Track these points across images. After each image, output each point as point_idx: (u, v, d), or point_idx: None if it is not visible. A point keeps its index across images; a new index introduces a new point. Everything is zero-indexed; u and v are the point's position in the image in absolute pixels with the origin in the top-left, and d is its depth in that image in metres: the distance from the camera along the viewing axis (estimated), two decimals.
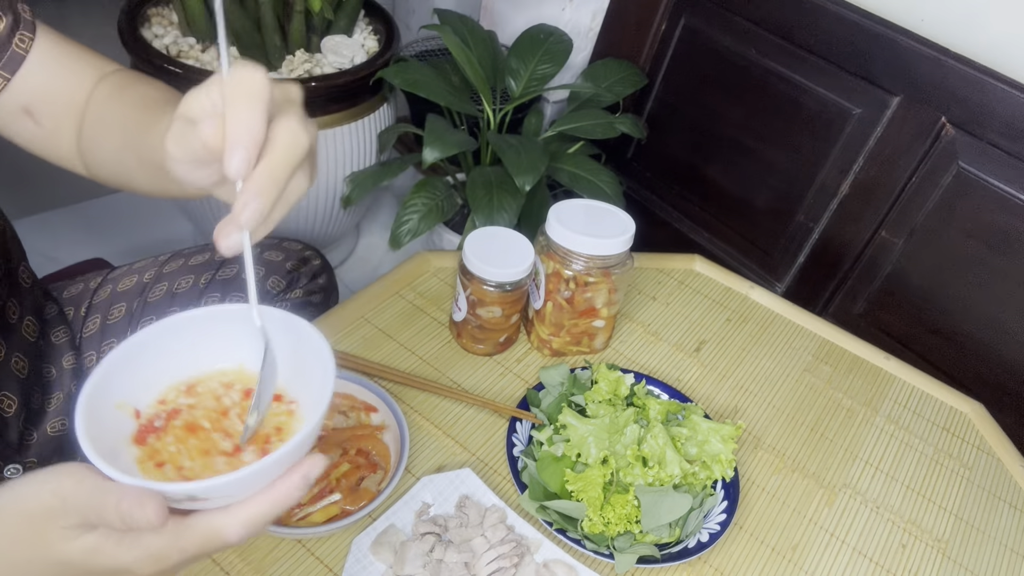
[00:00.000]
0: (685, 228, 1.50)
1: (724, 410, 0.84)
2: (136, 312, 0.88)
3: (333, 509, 0.64)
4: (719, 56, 1.33)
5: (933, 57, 1.07)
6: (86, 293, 0.89)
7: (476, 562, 0.61)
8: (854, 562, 0.71)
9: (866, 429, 0.85)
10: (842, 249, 1.26)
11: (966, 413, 0.90)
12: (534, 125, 1.48)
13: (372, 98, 1.41)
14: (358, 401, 0.73)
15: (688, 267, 1.04)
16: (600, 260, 0.78)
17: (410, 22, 1.97)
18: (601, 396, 0.74)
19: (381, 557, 0.62)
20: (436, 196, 1.27)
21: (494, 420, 0.77)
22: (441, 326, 0.88)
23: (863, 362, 0.94)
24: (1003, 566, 0.73)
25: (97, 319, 0.87)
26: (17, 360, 0.73)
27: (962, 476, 0.82)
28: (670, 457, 0.68)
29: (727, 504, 0.70)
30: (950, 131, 1.09)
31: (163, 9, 1.42)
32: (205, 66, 1.30)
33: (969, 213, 1.09)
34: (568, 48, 1.39)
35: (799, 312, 1.00)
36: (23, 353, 0.74)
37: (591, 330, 0.85)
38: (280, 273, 0.91)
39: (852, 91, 1.17)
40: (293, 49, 1.39)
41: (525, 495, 0.67)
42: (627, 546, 0.65)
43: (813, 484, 0.78)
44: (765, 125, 1.30)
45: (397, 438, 0.69)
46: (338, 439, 0.69)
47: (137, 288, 0.89)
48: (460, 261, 0.80)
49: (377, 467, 0.68)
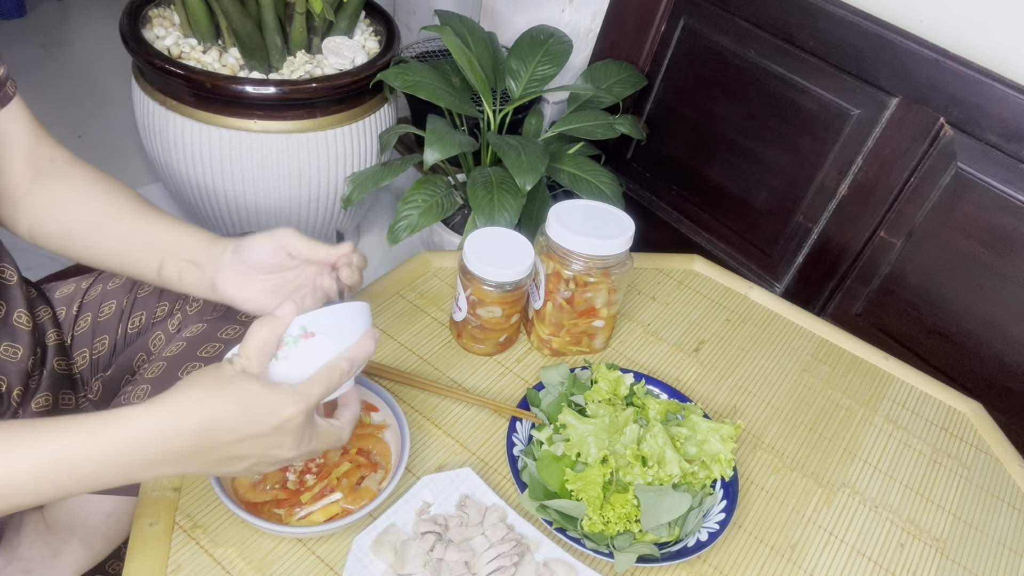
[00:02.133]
0: (685, 228, 1.50)
1: (723, 410, 0.84)
2: (126, 308, 0.89)
3: (334, 508, 0.65)
4: (718, 57, 1.33)
5: (932, 58, 1.08)
6: (78, 293, 0.89)
7: (476, 561, 0.61)
8: (853, 561, 0.71)
9: (865, 429, 0.85)
10: (841, 249, 1.26)
11: (964, 413, 0.90)
12: (534, 126, 1.48)
13: (373, 99, 1.42)
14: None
15: (687, 267, 1.05)
16: (600, 260, 0.78)
17: (410, 23, 1.98)
18: (601, 396, 0.75)
19: (382, 556, 0.62)
20: (436, 193, 1.27)
21: (494, 420, 0.78)
22: (441, 326, 0.88)
23: (862, 362, 0.95)
24: (1001, 565, 0.74)
25: (88, 317, 0.88)
26: (8, 347, 0.74)
27: (960, 475, 0.82)
28: (669, 457, 0.69)
29: (726, 503, 0.70)
30: (949, 132, 1.09)
31: (164, 10, 1.43)
32: (206, 67, 1.30)
33: (967, 213, 1.09)
34: (568, 49, 1.39)
35: (798, 312, 1.00)
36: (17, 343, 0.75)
37: (591, 330, 0.85)
38: None
39: (851, 92, 1.18)
40: (294, 50, 1.39)
41: (525, 494, 0.68)
42: (627, 545, 0.65)
43: (812, 483, 0.78)
44: (764, 126, 1.30)
45: (398, 437, 0.69)
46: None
47: (126, 285, 0.90)
48: (460, 261, 0.80)
49: (378, 466, 0.68)
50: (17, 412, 0.76)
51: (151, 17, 1.40)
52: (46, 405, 0.78)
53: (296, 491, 0.65)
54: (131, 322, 0.88)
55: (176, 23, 1.40)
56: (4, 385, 0.75)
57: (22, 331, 0.78)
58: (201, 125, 1.30)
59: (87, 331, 0.87)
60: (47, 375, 0.80)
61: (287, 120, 1.31)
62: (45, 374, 0.80)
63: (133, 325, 0.88)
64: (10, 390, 0.75)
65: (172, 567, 0.61)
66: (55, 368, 0.81)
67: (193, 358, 0.82)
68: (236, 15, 1.26)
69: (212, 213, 1.44)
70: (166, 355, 0.83)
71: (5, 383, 0.75)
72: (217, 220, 1.45)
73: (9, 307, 0.78)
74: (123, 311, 0.89)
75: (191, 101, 1.29)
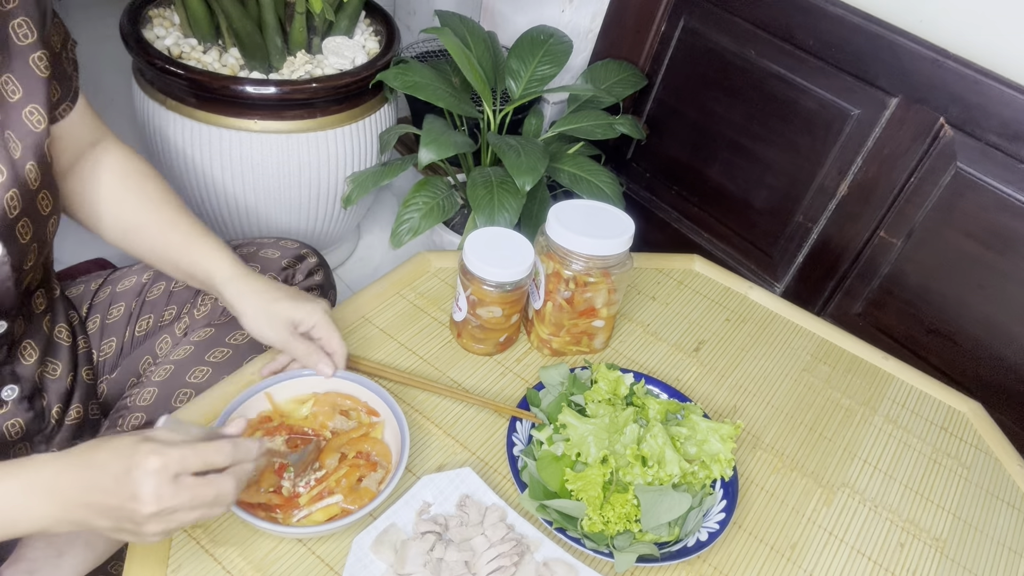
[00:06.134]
0: (684, 228, 1.50)
1: (723, 409, 0.84)
2: (135, 311, 0.89)
3: (334, 508, 0.65)
4: (718, 57, 1.33)
5: (931, 58, 1.08)
6: (87, 294, 0.89)
7: (476, 561, 0.61)
8: (853, 561, 0.71)
9: (864, 428, 0.85)
10: (841, 249, 1.26)
11: (964, 413, 0.90)
12: (534, 126, 1.48)
13: (373, 99, 1.42)
14: (359, 402, 0.73)
15: (687, 267, 1.05)
16: (600, 260, 0.78)
17: (411, 23, 1.98)
18: (601, 396, 0.75)
19: (382, 556, 0.62)
20: (437, 195, 1.27)
21: (494, 420, 0.78)
22: (441, 326, 0.88)
23: (861, 362, 0.95)
24: (1001, 565, 0.74)
25: (97, 319, 0.88)
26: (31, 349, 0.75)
27: (960, 475, 0.82)
28: (669, 456, 0.69)
29: (726, 503, 0.70)
30: (948, 132, 1.09)
31: (165, 10, 1.43)
32: (206, 67, 1.30)
33: (967, 213, 1.09)
34: (568, 49, 1.39)
35: (798, 312, 1.00)
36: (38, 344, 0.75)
37: (591, 330, 0.85)
38: (275, 270, 0.92)
39: (851, 92, 1.18)
40: (294, 50, 1.39)
41: (525, 494, 0.68)
42: (627, 545, 0.65)
43: (812, 483, 0.78)
44: (764, 126, 1.30)
45: (398, 437, 0.69)
46: (337, 444, 0.69)
47: (136, 288, 0.90)
48: (460, 261, 0.80)
49: (377, 466, 0.68)
50: (56, 431, 0.76)
51: (151, 17, 1.40)
52: (77, 418, 0.79)
53: (291, 497, 0.65)
54: (139, 325, 0.89)
55: (176, 23, 1.40)
56: (45, 401, 0.75)
57: (62, 347, 0.79)
58: (201, 125, 1.30)
59: (95, 333, 0.87)
60: (78, 385, 0.80)
61: (287, 120, 1.31)
62: (76, 384, 0.80)
63: (140, 328, 0.89)
64: (50, 407, 0.76)
65: (173, 567, 0.61)
66: (83, 378, 0.82)
67: (201, 362, 0.82)
68: (236, 15, 1.26)
69: (212, 213, 1.44)
70: (173, 358, 0.83)
71: (45, 399, 0.75)
72: (217, 220, 1.45)
73: (53, 322, 0.79)
74: (131, 313, 0.89)
75: (191, 101, 1.29)
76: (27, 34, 0.66)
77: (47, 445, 0.76)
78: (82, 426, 0.79)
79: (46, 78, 0.67)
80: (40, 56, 0.67)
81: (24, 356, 0.72)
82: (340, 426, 0.71)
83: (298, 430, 0.70)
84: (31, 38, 0.66)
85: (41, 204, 0.69)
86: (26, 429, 0.72)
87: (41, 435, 0.75)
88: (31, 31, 0.66)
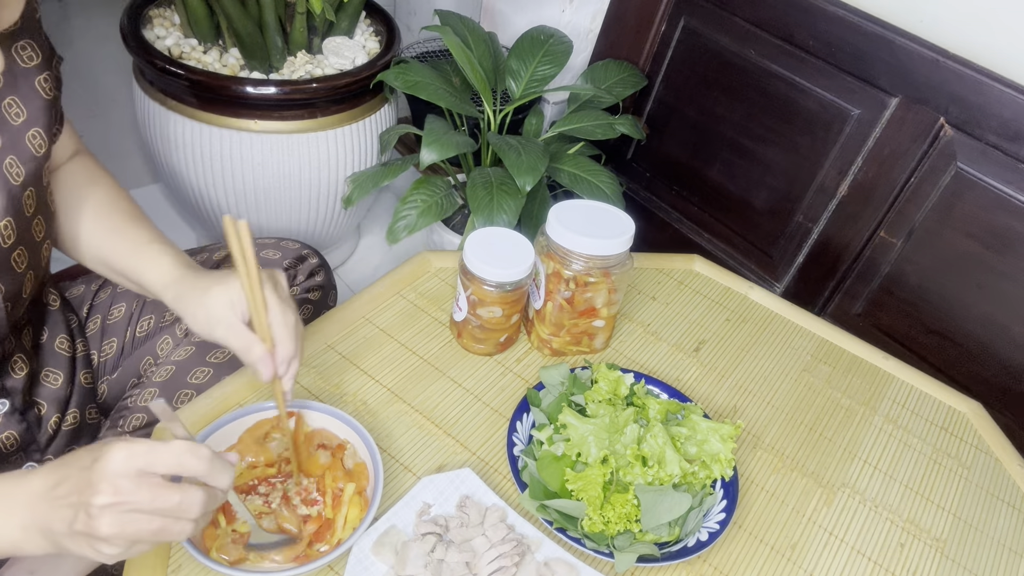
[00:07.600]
0: (685, 228, 1.50)
1: (723, 410, 0.85)
2: (135, 312, 0.89)
3: (297, 549, 0.62)
4: (719, 57, 1.33)
5: (932, 58, 1.08)
6: (87, 295, 0.89)
7: (477, 561, 0.61)
8: (853, 561, 0.71)
9: (865, 429, 0.86)
10: (841, 249, 1.26)
11: (964, 413, 0.90)
12: (534, 126, 1.48)
13: (373, 99, 1.42)
14: (333, 436, 0.69)
15: (688, 267, 1.05)
16: (600, 260, 0.78)
17: (411, 23, 1.98)
18: (601, 396, 0.75)
19: (382, 558, 0.62)
20: (435, 193, 1.27)
21: (494, 420, 0.78)
22: (442, 326, 0.88)
23: (862, 362, 0.95)
24: (1001, 565, 0.74)
25: (98, 319, 0.88)
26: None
27: (960, 475, 0.82)
28: (670, 456, 0.69)
29: (726, 503, 0.70)
30: (949, 132, 1.09)
31: (165, 10, 1.43)
32: (207, 67, 1.30)
33: (967, 213, 1.09)
34: (568, 49, 1.39)
35: (798, 312, 1.00)
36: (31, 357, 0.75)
37: (591, 330, 0.85)
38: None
39: (851, 92, 1.18)
40: (295, 50, 1.39)
41: (525, 494, 0.68)
42: (627, 545, 0.65)
43: (812, 483, 0.78)
44: (764, 126, 1.30)
45: (371, 462, 0.66)
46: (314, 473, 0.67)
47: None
48: (461, 261, 0.80)
49: (355, 475, 0.66)
50: (53, 438, 0.76)
51: (151, 17, 1.40)
52: (74, 423, 0.79)
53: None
54: (139, 326, 0.88)
55: (176, 23, 1.40)
56: (43, 411, 0.75)
57: (62, 357, 0.79)
58: (201, 125, 1.30)
59: (96, 333, 0.87)
60: (76, 390, 0.80)
61: (287, 120, 1.31)
62: (74, 390, 0.80)
63: (141, 329, 0.88)
64: (48, 417, 0.75)
65: (173, 567, 0.61)
66: (82, 382, 0.82)
67: (202, 363, 0.82)
68: (237, 15, 1.26)
69: (212, 213, 1.44)
70: (175, 359, 0.83)
71: (44, 410, 0.75)
72: (217, 220, 1.45)
73: (51, 333, 0.78)
74: (132, 314, 0.89)
75: (192, 101, 1.29)
76: (31, 56, 0.65)
77: (42, 454, 0.75)
78: (79, 430, 0.79)
79: (50, 100, 0.67)
80: (46, 78, 0.66)
81: (14, 370, 0.71)
82: (324, 460, 0.68)
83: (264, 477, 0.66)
84: (35, 60, 0.66)
85: (35, 230, 0.67)
86: (20, 440, 0.72)
87: (35, 444, 0.75)
88: (36, 54, 0.66)
